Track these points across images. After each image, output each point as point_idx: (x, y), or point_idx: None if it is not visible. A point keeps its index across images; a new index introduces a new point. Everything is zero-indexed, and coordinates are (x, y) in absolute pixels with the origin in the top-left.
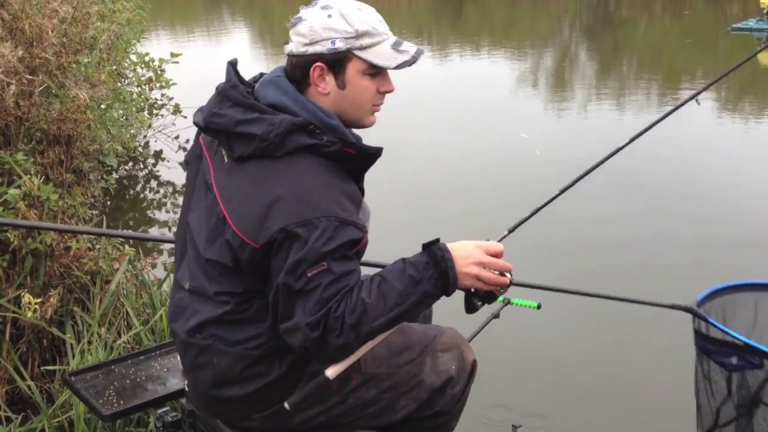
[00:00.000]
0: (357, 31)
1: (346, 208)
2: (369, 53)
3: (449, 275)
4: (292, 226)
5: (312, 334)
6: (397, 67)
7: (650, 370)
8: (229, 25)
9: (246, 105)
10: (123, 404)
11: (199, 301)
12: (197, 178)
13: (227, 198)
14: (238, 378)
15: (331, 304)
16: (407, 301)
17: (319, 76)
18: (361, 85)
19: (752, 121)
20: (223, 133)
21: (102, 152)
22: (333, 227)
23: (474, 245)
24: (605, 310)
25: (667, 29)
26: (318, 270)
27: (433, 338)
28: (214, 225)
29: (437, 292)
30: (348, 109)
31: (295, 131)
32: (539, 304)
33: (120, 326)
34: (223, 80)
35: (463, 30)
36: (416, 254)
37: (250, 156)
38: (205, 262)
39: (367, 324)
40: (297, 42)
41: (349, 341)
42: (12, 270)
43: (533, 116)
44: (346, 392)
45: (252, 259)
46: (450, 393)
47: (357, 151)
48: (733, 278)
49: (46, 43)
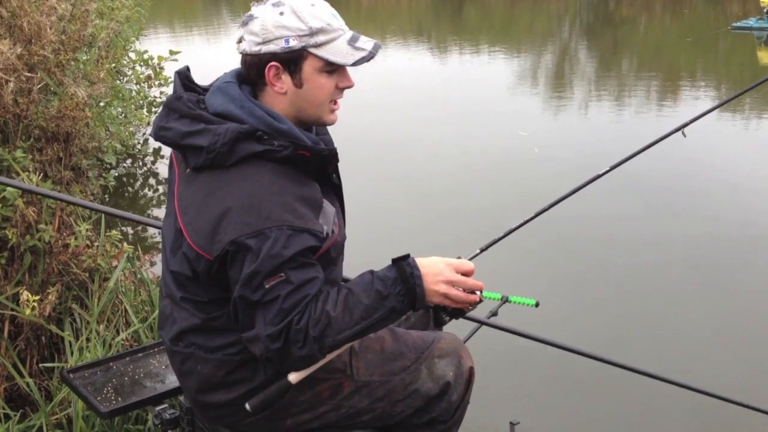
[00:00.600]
0: (311, 29)
1: (301, 215)
2: (324, 50)
3: (416, 292)
4: (243, 238)
5: (273, 345)
6: (354, 64)
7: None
8: (228, 23)
9: (191, 116)
10: (121, 401)
11: (175, 309)
12: (171, 184)
13: (183, 210)
14: (223, 383)
15: (293, 315)
16: (373, 316)
17: (274, 75)
18: (319, 82)
19: (754, 120)
20: (174, 145)
21: (101, 150)
22: (285, 236)
23: (444, 263)
24: (603, 311)
25: (667, 28)
26: (276, 281)
27: (430, 344)
28: (174, 237)
29: (404, 308)
30: (306, 107)
31: (242, 139)
32: (537, 302)
33: (118, 324)
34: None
35: (463, 29)
36: (385, 268)
37: (203, 167)
38: (171, 273)
39: (331, 336)
40: (250, 41)
41: (313, 352)
42: (10, 267)
43: (532, 115)
44: (338, 400)
45: (209, 271)
46: (447, 400)
47: (312, 153)
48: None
49: (45, 40)
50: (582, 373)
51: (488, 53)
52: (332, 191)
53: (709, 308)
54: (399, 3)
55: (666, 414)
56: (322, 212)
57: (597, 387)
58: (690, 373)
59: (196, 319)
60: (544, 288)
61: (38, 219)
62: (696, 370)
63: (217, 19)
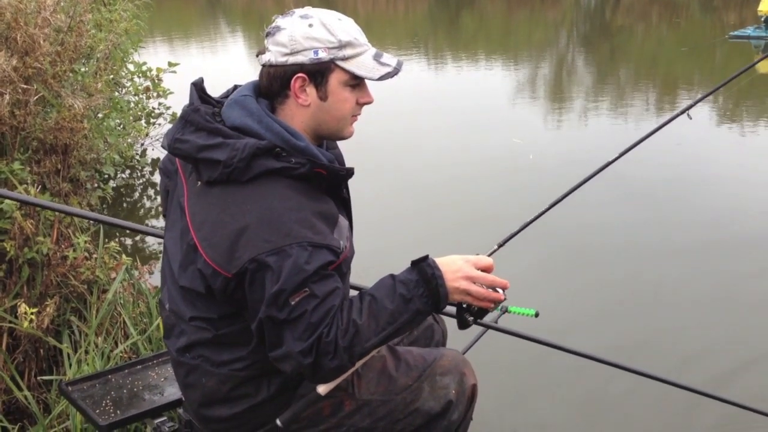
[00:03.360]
0: (340, 42)
1: (319, 230)
2: (351, 64)
3: (440, 293)
4: (263, 256)
5: (305, 360)
6: (380, 79)
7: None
8: (226, 35)
9: (209, 129)
10: (120, 414)
11: (182, 323)
12: (173, 194)
13: (198, 225)
14: (226, 398)
15: (322, 329)
16: (399, 320)
17: (300, 87)
18: (343, 96)
19: (748, 128)
20: (189, 158)
21: (99, 161)
22: (307, 253)
23: (463, 259)
24: (612, 317)
25: (664, 37)
26: (302, 296)
27: (432, 362)
28: (186, 252)
29: (428, 309)
30: (328, 120)
31: (260, 155)
32: (537, 312)
33: (117, 336)
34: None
35: (459, 38)
36: (405, 271)
37: (217, 181)
38: (180, 288)
39: (360, 345)
40: (276, 52)
41: (343, 363)
42: (9, 279)
43: (530, 124)
44: (339, 418)
45: (225, 288)
46: (449, 419)
47: (328, 171)
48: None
49: (39, 52)
50: (587, 380)
51: (485, 62)
52: (342, 205)
53: (722, 315)
54: (396, 12)
55: (679, 421)
56: (337, 227)
57: (604, 394)
58: (713, 382)
59: (206, 333)
60: (549, 295)
61: (36, 231)
62: (712, 376)
63: (214, 30)
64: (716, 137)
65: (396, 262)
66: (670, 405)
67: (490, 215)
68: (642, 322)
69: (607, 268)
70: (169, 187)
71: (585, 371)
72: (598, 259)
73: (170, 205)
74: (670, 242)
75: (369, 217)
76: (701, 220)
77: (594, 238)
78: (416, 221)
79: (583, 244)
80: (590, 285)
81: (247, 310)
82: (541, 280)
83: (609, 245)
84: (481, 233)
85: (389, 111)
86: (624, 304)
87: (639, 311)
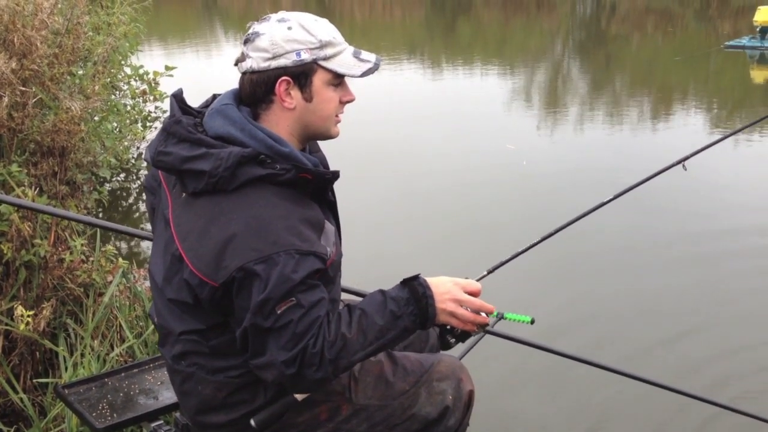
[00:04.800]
0: (321, 41)
1: (306, 238)
2: (333, 63)
3: (429, 312)
4: (251, 264)
5: (288, 370)
6: (363, 75)
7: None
8: (221, 39)
9: (192, 140)
10: (116, 417)
11: (172, 336)
12: (158, 208)
13: (183, 235)
14: (222, 405)
15: (307, 340)
16: (386, 336)
17: (285, 90)
18: (327, 96)
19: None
20: (173, 170)
21: (95, 164)
22: (294, 261)
23: (452, 282)
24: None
25: (659, 47)
26: (287, 305)
27: (429, 367)
28: (170, 263)
29: (415, 328)
30: (315, 121)
31: (245, 163)
32: (533, 319)
33: (113, 339)
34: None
35: (456, 45)
36: (396, 288)
37: (202, 191)
38: (167, 301)
39: (346, 358)
40: (257, 57)
41: (327, 375)
42: (5, 282)
43: (525, 131)
44: (336, 422)
45: (212, 298)
46: (445, 424)
47: (314, 175)
48: None
49: (36, 54)
50: (584, 385)
51: (481, 69)
52: (328, 208)
53: (724, 321)
54: (392, 19)
55: (676, 424)
56: (324, 233)
57: (600, 399)
58: (711, 388)
59: (198, 345)
60: (545, 300)
61: (33, 234)
62: (713, 383)
63: (210, 34)
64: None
65: (391, 268)
66: (665, 409)
67: (485, 223)
68: (640, 328)
69: (604, 275)
70: (155, 203)
71: (581, 376)
72: (594, 266)
73: (155, 219)
74: (666, 250)
75: (364, 223)
76: (694, 228)
77: (590, 245)
78: (412, 228)
79: (579, 252)
80: (586, 291)
81: (233, 319)
82: (537, 286)
83: (605, 253)
84: (475, 241)
85: (383, 117)
86: (621, 310)
87: (637, 318)
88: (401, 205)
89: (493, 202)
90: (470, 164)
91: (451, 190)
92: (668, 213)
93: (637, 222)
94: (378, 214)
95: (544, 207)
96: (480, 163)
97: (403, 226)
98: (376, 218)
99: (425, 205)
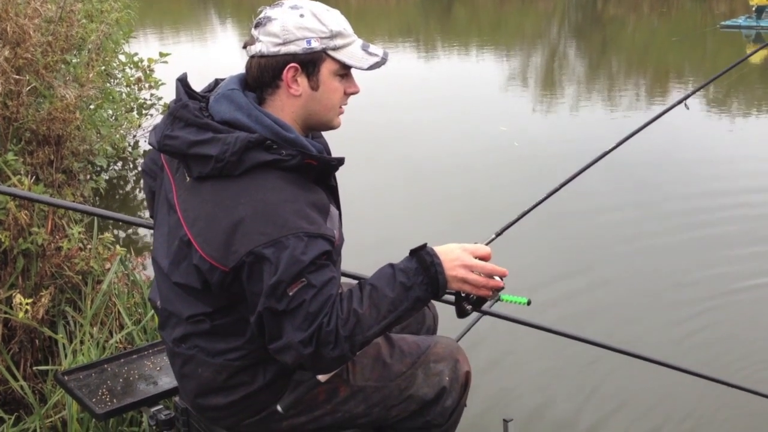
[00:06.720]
0: (331, 32)
1: (313, 221)
2: (342, 54)
3: (439, 280)
4: (260, 248)
5: (305, 350)
6: (370, 68)
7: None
8: (216, 26)
9: (198, 125)
10: (116, 403)
11: (176, 318)
12: (159, 193)
13: (191, 221)
14: (222, 387)
15: (321, 318)
16: (399, 308)
17: (292, 77)
18: (333, 86)
19: (739, 117)
20: (179, 155)
21: (92, 152)
22: (303, 243)
23: (460, 248)
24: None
25: (655, 28)
26: (299, 286)
27: (427, 348)
28: (178, 248)
29: (428, 297)
30: (319, 110)
31: (251, 148)
32: (529, 300)
33: (112, 326)
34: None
35: (451, 29)
36: (404, 260)
37: (209, 176)
38: (173, 284)
39: (362, 334)
40: (267, 42)
41: (345, 352)
42: (3, 270)
43: (521, 113)
44: (334, 404)
45: (222, 282)
46: (443, 405)
47: (319, 161)
48: None
49: (29, 43)
50: (582, 365)
51: (477, 53)
52: (330, 194)
53: (723, 297)
54: (388, 3)
55: (676, 403)
56: (329, 216)
57: (599, 379)
58: (707, 364)
59: (202, 325)
60: (546, 281)
61: (31, 222)
62: (712, 360)
63: (204, 20)
64: (709, 125)
65: (395, 251)
66: (665, 387)
67: (488, 203)
68: (639, 307)
69: (604, 255)
70: (154, 187)
71: (579, 356)
72: (595, 245)
73: (157, 204)
74: (666, 227)
75: (367, 208)
76: (691, 205)
77: (591, 224)
78: (414, 211)
79: (581, 231)
80: (586, 271)
81: (243, 303)
82: (539, 267)
83: (606, 232)
84: (479, 221)
85: (382, 102)
86: (621, 290)
87: (636, 297)
88: (402, 188)
89: (494, 182)
90: (470, 146)
91: (451, 172)
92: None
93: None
94: (378, 199)
95: (545, 184)
96: (480, 145)
97: (405, 209)
98: (377, 202)
99: (427, 187)
